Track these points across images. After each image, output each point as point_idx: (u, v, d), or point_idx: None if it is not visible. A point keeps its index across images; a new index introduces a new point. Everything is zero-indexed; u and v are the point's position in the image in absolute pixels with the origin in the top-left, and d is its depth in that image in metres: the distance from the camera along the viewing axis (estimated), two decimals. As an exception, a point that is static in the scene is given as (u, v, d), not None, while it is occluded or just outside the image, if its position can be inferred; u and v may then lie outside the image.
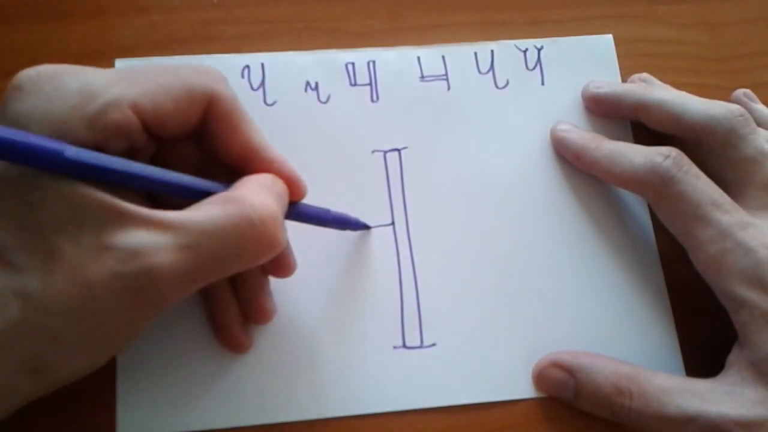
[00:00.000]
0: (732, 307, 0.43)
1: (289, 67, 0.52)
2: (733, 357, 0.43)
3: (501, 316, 0.48)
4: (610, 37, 0.56)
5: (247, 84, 0.51)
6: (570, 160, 0.51)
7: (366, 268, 0.48)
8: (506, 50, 0.54)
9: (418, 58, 0.53)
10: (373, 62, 0.53)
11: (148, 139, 0.37)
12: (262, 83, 0.51)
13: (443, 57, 0.53)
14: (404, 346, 0.46)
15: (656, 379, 0.43)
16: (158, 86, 0.36)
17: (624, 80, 0.55)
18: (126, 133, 0.35)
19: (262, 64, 0.51)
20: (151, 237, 0.32)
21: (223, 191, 0.37)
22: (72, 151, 0.32)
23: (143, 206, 0.34)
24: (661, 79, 0.54)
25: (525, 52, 0.54)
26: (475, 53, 0.54)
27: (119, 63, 0.50)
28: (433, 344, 0.47)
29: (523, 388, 0.46)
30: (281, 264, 0.43)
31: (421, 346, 0.46)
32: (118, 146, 0.35)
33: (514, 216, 0.50)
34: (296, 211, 0.42)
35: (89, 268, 0.31)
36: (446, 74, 0.53)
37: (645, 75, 0.54)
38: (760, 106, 0.53)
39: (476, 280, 0.48)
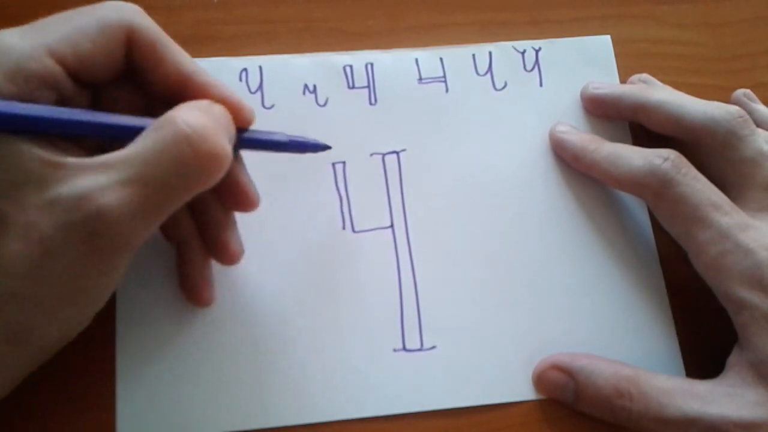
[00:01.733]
0: (732, 309, 0.43)
1: (287, 70, 0.52)
2: (734, 358, 0.43)
3: (501, 318, 0.48)
4: (608, 38, 0.55)
5: (245, 87, 0.51)
6: (568, 162, 0.51)
7: (365, 270, 0.48)
8: (504, 52, 0.54)
9: (416, 61, 0.53)
10: (371, 65, 0.52)
11: (77, 87, 0.36)
12: (260, 86, 0.51)
13: (441, 59, 0.53)
14: (404, 348, 0.46)
15: (656, 381, 0.43)
16: (73, 29, 0.35)
17: (623, 81, 0.55)
18: (50, 83, 0.34)
19: (260, 67, 0.51)
20: (93, 180, 0.32)
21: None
22: None
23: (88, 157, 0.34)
24: (661, 80, 0.54)
25: (523, 53, 0.54)
26: (473, 55, 0.54)
27: None
28: (433, 347, 0.47)
29: (522, 391, 0.46)
30: (240, 195, 0.42)
31: (421, 349, 0.47)
32: (46, 98, 0.34)
33: (514, 218, 0.50)
34: (246, 138, 0.41)
35: (39, 225, 0.31)
36: (444, 76, 0.53)
37: (645, 76, 0.54)
38: (760, 107, 0.53)
39: (475, 282, 0.48)
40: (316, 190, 0.49)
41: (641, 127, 0.51)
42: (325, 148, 0.45)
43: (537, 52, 0.54)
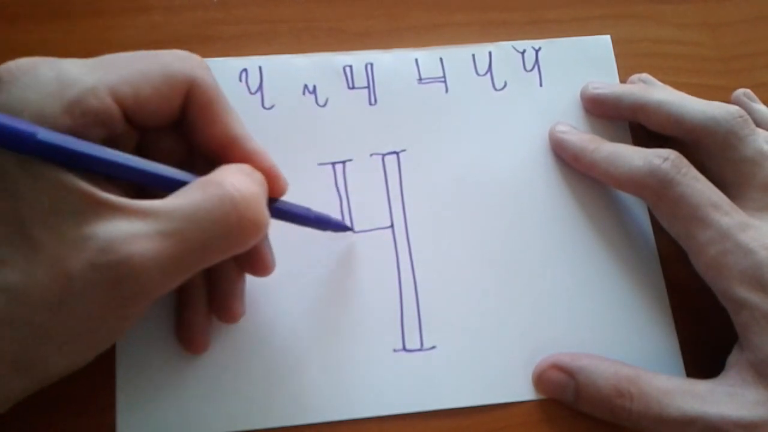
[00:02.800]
0: (733, 309, 0.43)
1: (286, 70, 0.52)
2: (734, 358, 0.43)
3: (501, 318, 0.48)
4: (607, 37, 0.55)
5: (245, 87, 0.51)
6: (568, 162, 0.51)
7: (365, 271, 0.48)
8: (504, 52, 0.54)
9: (416, 61, 0.53)
10: (371, 65, 0.52)
11: (128, 128, 0.37)
12: (260, 87, 0.51)
13: (441, 59, 0.53)
14: (404, 349, 0.46)
15: (656, 381, 0.43)
16: (137, 72, 0.35)
17: (623, 80, 0.55)
18: (105, 121, 0.34)
19: (260, 68, 0.51)
20: (131, 226, 0.32)
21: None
22: (45, 134, 0.31)
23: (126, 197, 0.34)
24: (661, 80, 0.54)
25: (523, 53, 0.54)
26: (473, 55, 0.54)
27: None
28: (433, 347, 0.47)
29: (523, 390, 0.46)
30: (258, 261, 0.42)
31: (421, 349, 0.47)
32: (97, 134, 0.34)
33: (514, 218, 0.50)
34: (276, 207, 0.41)
35: (69, 259, 0.31)
36: (444, 76, 0.53)
37: (644, 75, 0.54)
38: (760, 107, 0.53)
39: (476, 282, 0.48)
40: (316, 190, 0.49)
41: (641, 127, 0.51)
42: (347, 229, 0.47)
43: (537, 52, 0.54)
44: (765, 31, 0.58)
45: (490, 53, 0.54)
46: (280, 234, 0.46)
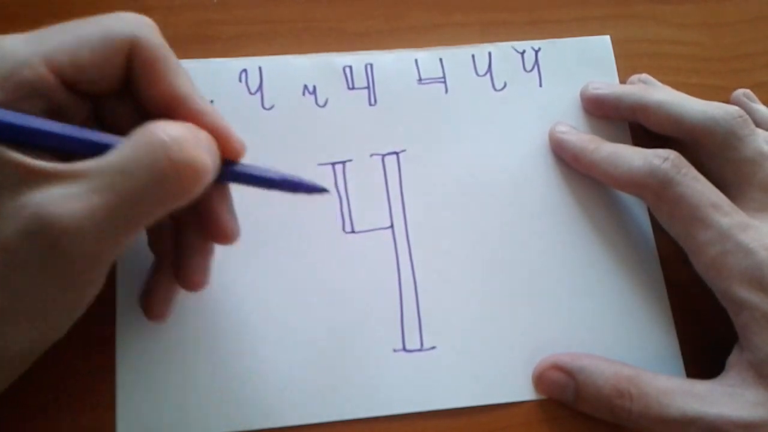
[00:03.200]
0: (732, 309, 0.43)
1: (286, 70, 0.52)
2: (734, 358, 0.43)
3: (501, 319, 0.48)
4: (607, 38, 0.55)
5: (245, 88, 0.51)
6: (568, 162, 0.51)
7: (365, 271, 0.48)
8: (504, 52, 0.54)
9: (416, 61, 0.53)
10: (371, 65, 0.52)
11: (73, 97, 0.36)
12: (260, 87, 0.51)
13: (441, 60, 0.53)
14: (404, 349, 0.46)
15: (656, 381, 0.43)
16: (75, 38, 0.34)
17: (623, 81, 0.55)
18: (41, 92, 0.33)
19: (260, 68, 0.51)
20: (63, 189, 0.30)
21: None
22: None
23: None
24: (661, 80, 0.54)
25: (523, 53, 0.54)
26: (473, 55, 0.54)
27: None
28: (433, 347, 0.47)
29: (522, 391, 0.46)
30: (217, 227, 0.40)
31: (420, 349, 0.47)
32: (36, 106, 0.34)
33: (514, 218, 0.50)
34: (233, 170, 0.39)
35: (4, 232, 0.30)
36: (444, 77, 0.53)
37: (644, 76, 0.54)
38: (759, 107, 0.54)
39: (476, 282, 0.48)
40: (316, 190, 0.49)
41: (641, 127, 0.51)
42: (322, 191, 0.42)
43: (536, 52, 0.54)
44: (765, 31, 0.58)
45: (489, 54, 0.54)
46: (280, 234, 0.46)
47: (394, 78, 0.52)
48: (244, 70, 0.51)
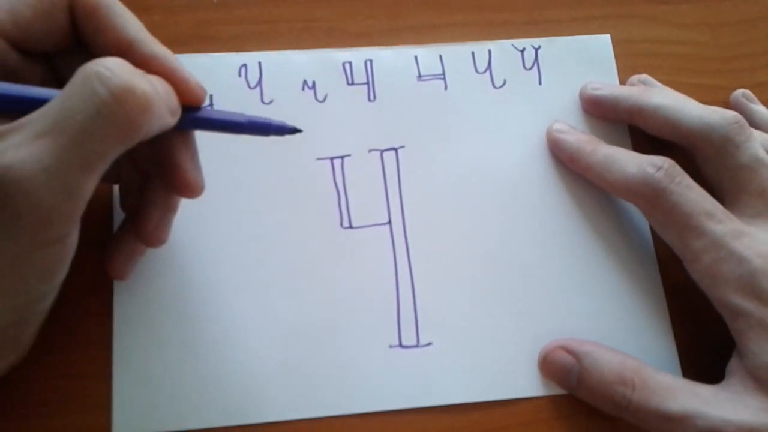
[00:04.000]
0: (728, 316, 0.43)
1: (286, 65, 0.52)
2: (734, 365, 0.44)
3: (497, 316, 0.48)
4: (607, 37, 0.55)
5: (245, 82, 0.51)
6: (565, 163, 0.51)
7: (362, 266, 0.48)
8: (504, 50, 0.54)
9: (416, 58, 0.53)
10: (371, 61, 0.52)
11: (24, 59, 0.35)
12: (259, 82, 0.51)
13: (440, 56, 0.53)
14: (400, 345, 0.46)
15: (660, 376, 0.43)
16: None
17: (623, 81, 0.55)
18: None
19: (260, 63, 0.51)
20: (6, 142, 0.29)
21: None
22: None
23: None
24: (661, 80, 0.54)
25: (522, 51, 0.54)
26: (473, 53, 0.54)
27: None
28: (429, 343, 0.47)
29: (519, 387, 0.46)
30: (179, 179, 0.39)
31: (417, 345, 0.47)
32: None
33: (511, 215, 0.50)
34: (196, 117, 0.38)
35: None
36: (443, 74, 0.53)
37: (644, 76, 0.54)
38: (759, 107, 0.54)
39: (472, 280, 0.48)
40: (314, 185, 0.49)
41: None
42: (294, 131, 0.41)
43: (536, 50, 0.54)
44: (765, 31, 0.58)
45: (489, 51, 0.54)
46: (278, 229, 0.46)
47: (394, 74, 0.52)
48: (244, 65, 0.51)
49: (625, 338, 0.48)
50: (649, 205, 0.45)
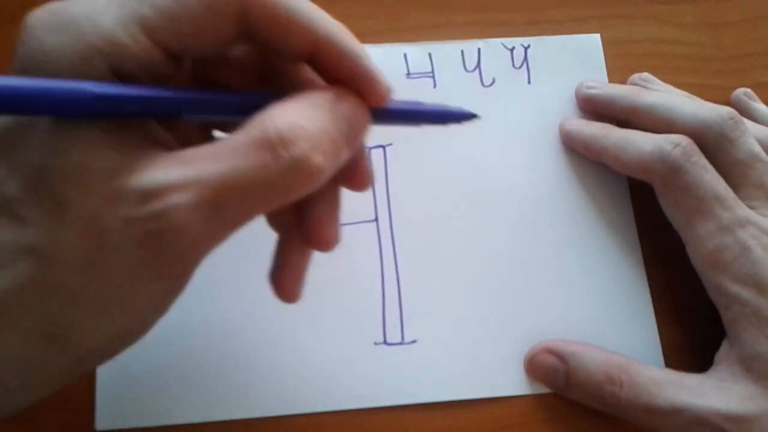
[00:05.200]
0: (723, 304, 0.44)
1: (275, 62, 0.52)
2: (723, 353, 0.44)
3: (482, 315, 0.48)
4: (597, 36, 0.55)
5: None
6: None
7: (348, 263, 0.48)
8: (493, 48, 0.54)
9: (405, 55, 0.53)
10: (359, 59, 0.52)
11: (174, 63, 0.32)
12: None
13: (429, 54, 0.53)
14: (385, 342, 0.47)
15: (647, 371, 0.44)
16: (172, 2, 0.30)
17: (623, 81, 0.54)
18: (144, 64, 0.30)
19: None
20: (166, 175, 0.28)
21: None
22: (97, 88, 0.28)
23: (202, 139, 0.31)
24: (660, 80, 0.54)
25: (512, 50, 0.54)
26: (462, 51, 0.54)
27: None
28: (414, 341, 0.47)
29: (506, 385, 0.47)
30: (354, 175, 0.37)
31: (401, 343, 0.47)
32: (138, 77, 0.30)
33: (498, 214, 0.50)
34: (383, 112, 0.35)
35: (100, 217, 0.28)
36: (432, 72, 0.53)
37: (645, 75, 0.54)
38: (759, 105, 0.54)
39: (458, 278, 0.48)
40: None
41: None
42: (472, 116, 0.39)
43: (526, 49, 0.54)
44: (765, 31, 0.58)
45: (479, 49, 0.54)
46: (265, 225, 0.47)
47: (383, 71, 0.52)
48: (234, 61, 0.51)
49: (610, 336, 0.48)
50: (664, 183, 0.45)
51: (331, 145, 0.31)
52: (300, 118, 0.30)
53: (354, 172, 0.37)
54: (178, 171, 0.28)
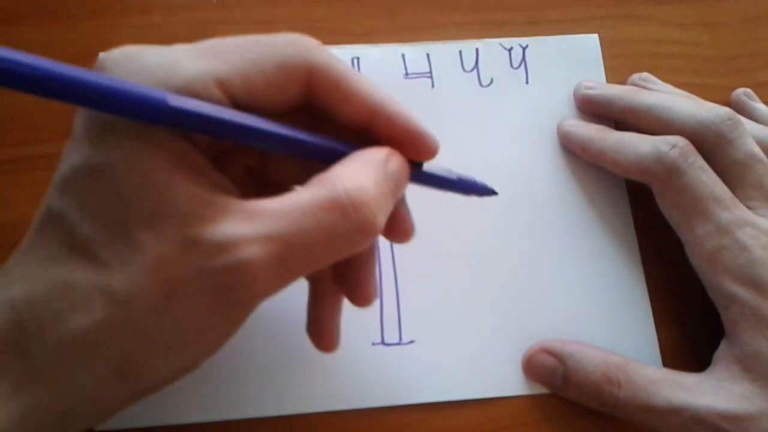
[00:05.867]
0: (722, 304, 0.44)
1: (272, 63, 0.52)
2: (721, 352, 0.44)
3: (480, 314, 0.48)
4: (595, 36, 0.55)
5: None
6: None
7: (346, 264, 0.48)
8: (491, 48, 0.54)
9: (403, 56, 0.53)
10: (357, 59, 0.53)
11: None
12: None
13: (428, 54, 0.53)
14: (383, 342, 0.47)
15: (644, 370, 0.44)
16: (248, 61, 0.32)
17: (623, 81, 0.54)
18: None
19: (247, 60, 0.52)
20: (237, 228, 0.30)
21: (344, 150, 0.34)
22: (175, 100, 0.29)
23: (242, 184, 0.34)
24: (660, 80, 0.54)
25: (510, 50, 0.54)
26: (460, 51, 0.54)
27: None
28: (412, 341, 0.47)
29: (504, 386, 0.46)
30: (397, 227, 0.40)
31: (399, 343, 0.47)
32: None
33: (495, 214, 0.50)
34: (419, 174, 0.38)
35: (173, 263, 0.29)
36: (430, 72, 0.53)
37: (645, 74, 0.54)
38: (759, 105, 0.53)
39: (456, 278, 0.48)
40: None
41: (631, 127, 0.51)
42: (492, 193, 0.43)
43: (524, 49, 0.54)
44: (765, 31, 0.57)
45: (477, 50, 0.54)
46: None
47: (381, 72, 0.53)
48: (229, 62, 0.52)
49: (609, 336, 0.48)
50: (661, 185, 0.45)
51: (386, 203, 0.34)
52: (363, 179, 0.32)
53: (397, 225, 0.39)
54: (249, 226, 0.30)
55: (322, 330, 0.41)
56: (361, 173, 0.33)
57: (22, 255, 0.31)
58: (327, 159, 0.33)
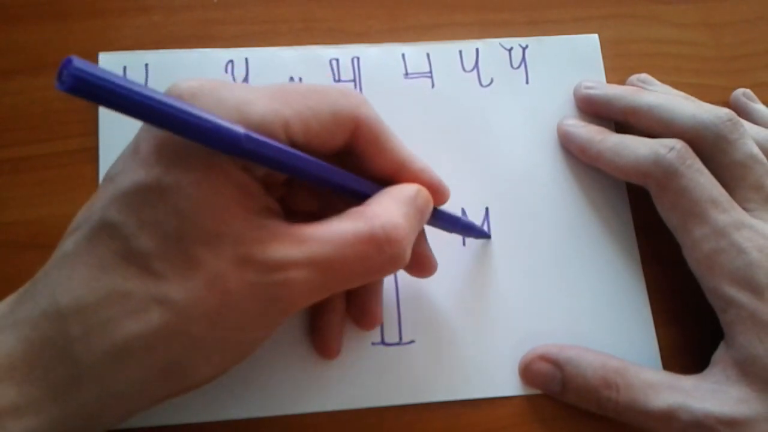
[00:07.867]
0: (720, 307, 0.44)
1: (272, 62, 0.52)
2: (719, 355, 0.44)
3: (480, 315, 0.48)
4: (595, 36, 0.55)
5: (231, 79, 0.51)
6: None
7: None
8: (491, 48, 0.54)
9: (403, 55, 0.53)
10: (357, 59, 0.53)
11: None
12: (246, 78, 0.51)
13: (428, 54, 0.53)
14: (383, 342, 0.47)
15: (643, 374, 0.44)
16: (308, 108, 0.36)
17: (623, 81, 0.54)
18: None
19: (246, 59, 0.52)
20: (286, 251, 0.33)
21: (375, 191, 0.39)
22: (253, 137, 0.32)
23: (284, 210, 0.37)
24: (661, 79, 0.54)
25: (510, 50, 0.54)
26: (460, 51, 0.54)
27: (102, 57, 0.51)
28: (412, 341, 0.47)
29: (503, 386, 0.46)
30: (422, 263, 0.45)
31: (399, 343, 0.47)
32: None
33: (496, 214, 0.50)
34: (434, 215, 0.42)
35: (228, 278, 0.32)
36: (431, 72, 0.53)
37: (644, 76, 0.54)
38: (759, 106, 0.53)
39: (456, 278, 0.48)
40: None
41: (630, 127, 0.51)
42: (487, 236, 0.49)
43: (524, 49, 0.54)
44: (765, 31, 0.58)
45: (477, 50, 0.54)
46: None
47: (381, 71, 0.53)
48: (230, 61, 0.52)
49: (608, 337, 0.48)
50: (659, 187, 0.45)
51: (414, 236, 0.38)
52: (397, 216, 0.37)
53: (422, 263, 0.45)
54: (297, 249, 0.34)
55: (325, 339, 0.45)
56: (395, 209, 0.37)
57: (66, 260, 0.33)
58: (358, 196, 0.38)
